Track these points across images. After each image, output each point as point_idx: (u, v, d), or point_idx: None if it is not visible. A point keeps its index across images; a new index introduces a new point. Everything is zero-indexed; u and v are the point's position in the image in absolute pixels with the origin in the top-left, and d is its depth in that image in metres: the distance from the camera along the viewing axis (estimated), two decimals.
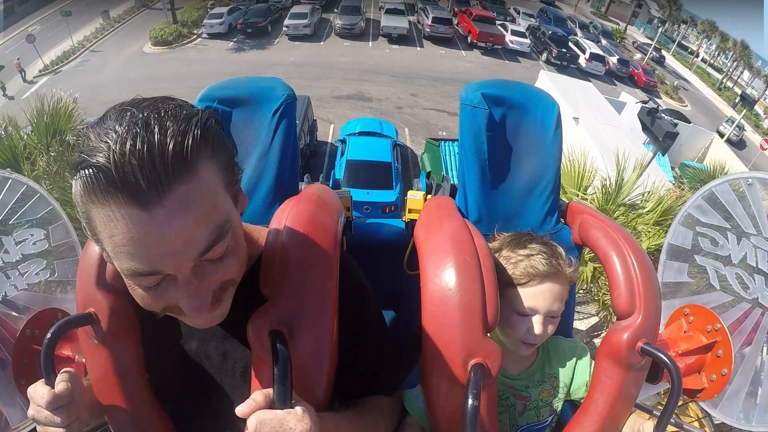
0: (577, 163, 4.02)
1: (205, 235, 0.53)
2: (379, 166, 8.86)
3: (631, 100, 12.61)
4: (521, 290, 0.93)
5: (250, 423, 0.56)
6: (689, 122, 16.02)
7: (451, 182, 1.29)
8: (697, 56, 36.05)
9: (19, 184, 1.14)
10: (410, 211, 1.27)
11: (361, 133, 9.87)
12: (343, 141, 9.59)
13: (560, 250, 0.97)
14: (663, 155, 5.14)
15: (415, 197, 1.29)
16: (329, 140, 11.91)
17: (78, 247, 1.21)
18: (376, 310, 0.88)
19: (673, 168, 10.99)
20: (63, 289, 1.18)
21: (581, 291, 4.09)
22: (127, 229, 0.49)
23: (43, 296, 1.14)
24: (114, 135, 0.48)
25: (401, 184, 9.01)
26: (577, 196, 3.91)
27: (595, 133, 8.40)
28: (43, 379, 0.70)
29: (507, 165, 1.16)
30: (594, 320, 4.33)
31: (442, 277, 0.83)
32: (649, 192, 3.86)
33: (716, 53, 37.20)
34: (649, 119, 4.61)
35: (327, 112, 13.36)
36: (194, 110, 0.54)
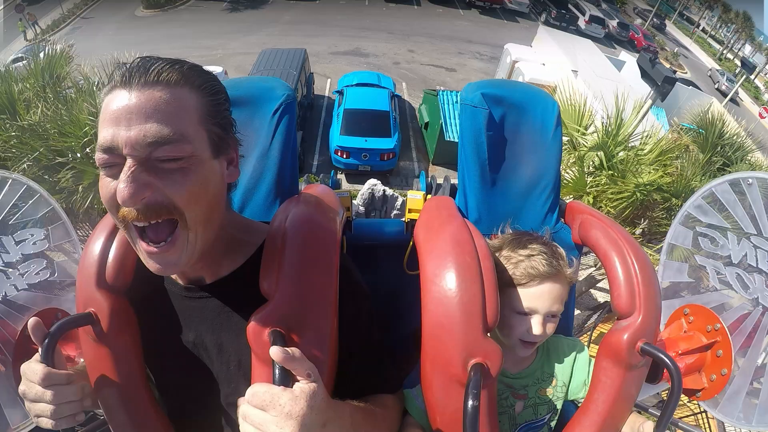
0: (576, 103, 4.00)
1: (158, 127, 0.62)
2: (377, 115, 8.89)
3: (631, 59, 12.26)
4: (521, 290, 0.93)
5: (247, 393, 0.57)
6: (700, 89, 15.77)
7: (451, 182, 1.29)
8: (698, 26, 35.83)
9: (19, 184, 1.14)
10: (410, 211, 1.27)
11: (358, 85, 9.89)
12: (340, 92, 9.63)
13: (561, 250, 0.97)
14: (662, 101, 5.10)
15: (415, 197, 1.29)
16: (326, 94, 11.98)
17: (78, 247, 1.21)
18: (372, 310, 0.88)
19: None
20: (63, 289, 1.18)
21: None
22: (113, 101, 0.63)
23: (43, 296, 1.13)
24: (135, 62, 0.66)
25: (399, 133, 9.06)
26: (578, 131, 3.89)
27: (594, 86, 8.30)
28: (37, 356, 0.70)
29: (507, 165, 1.16)
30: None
31: (442, 277, 0.82)
32: (647, 133, 3.87)
33: (717, 25, 36.99)
34: (648, 65, 4.61)
35: (324, 68, 13.39)
36: (198, 65, 0.70)
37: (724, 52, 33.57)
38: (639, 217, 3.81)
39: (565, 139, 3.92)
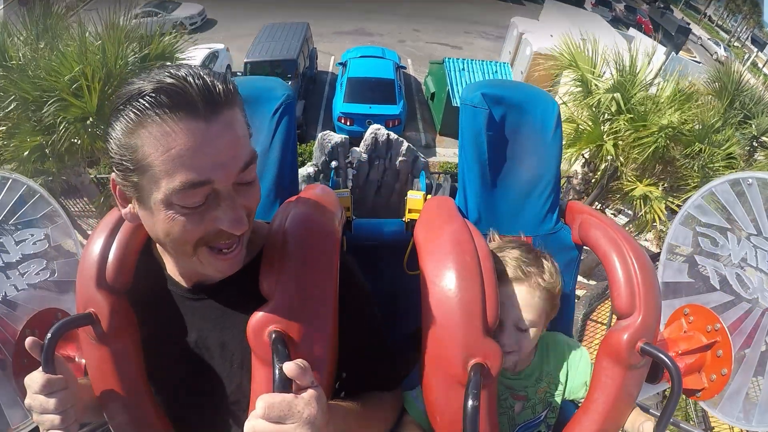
0: (587, 47, 3.98)
1: (245, 153, 0.62)
2: (382, 83, 8.75)
3: (640, 35, 12.05)
4: None
5: (258, 406, 0.56)
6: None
7: (451, 182, 1.29)
8: (705, 16, 36.08)
9: (19, 184, 1.14)
10: (410, 211, 1.26)
11: (362, 57, 9.75)
12: (343, 64, 9.49)
13: (548, 264, 0.96)
14: (677, 53, 5.01)
15: (415, 197, 1.29)
16: (329, 70, 11.96)
17: (78, 247, 1.21)
18: (374, 310, 0.88)
19: None
20: (63, 289, 1.18)
21: None
22: (186, 139, 0.56)
23: (43, 296, 1.13)
24: (167, 74, 0.56)
25: (404, 101, 8.90)
26: (592, 74, 3.82)
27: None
28: (40, 368, 0.69)
29: (507, 165, 1.16)
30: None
31: (442, 278, 0.82)
32: (665, 78, 3.87)
33: (725, 15, 37.24)
34: (658, 14, 4.61)
35: (328, 46, 13.32)
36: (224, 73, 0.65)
37: (732, 40, 33.76)
38: (662, 173, 3.73)
39: (575, 89, 3.80)
